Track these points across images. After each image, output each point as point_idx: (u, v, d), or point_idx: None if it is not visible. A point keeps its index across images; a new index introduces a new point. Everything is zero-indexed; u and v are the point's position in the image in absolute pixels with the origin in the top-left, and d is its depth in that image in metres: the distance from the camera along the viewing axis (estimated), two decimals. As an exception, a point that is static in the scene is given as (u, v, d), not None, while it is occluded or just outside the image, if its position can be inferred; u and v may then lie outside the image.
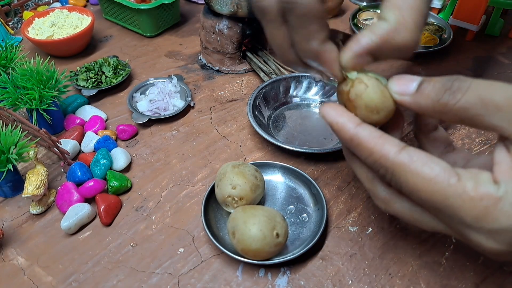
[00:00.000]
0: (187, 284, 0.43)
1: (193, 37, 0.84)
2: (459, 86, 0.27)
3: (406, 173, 0.28)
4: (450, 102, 0.27)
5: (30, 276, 0.44)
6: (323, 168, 0.54)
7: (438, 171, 0.27)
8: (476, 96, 0.26)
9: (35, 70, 0.56)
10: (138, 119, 0.61)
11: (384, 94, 0.31)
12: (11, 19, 0.90)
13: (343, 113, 0.31)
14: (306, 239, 0.45)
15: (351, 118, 0.31)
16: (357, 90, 0.31)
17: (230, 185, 0.44)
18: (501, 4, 0.77)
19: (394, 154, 0.28)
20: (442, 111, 0.28)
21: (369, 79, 0.31)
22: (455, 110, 0.27)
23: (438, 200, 0.27)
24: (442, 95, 0.27)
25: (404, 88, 0.30)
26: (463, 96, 0.27)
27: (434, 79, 0.28)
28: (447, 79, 0.28)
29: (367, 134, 0.30)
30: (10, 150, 0.47)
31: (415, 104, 0.29)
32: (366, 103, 0.31)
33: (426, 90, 0.28)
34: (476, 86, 0.27)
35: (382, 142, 0.29)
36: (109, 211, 0.49)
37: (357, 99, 0.31)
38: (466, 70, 0.73)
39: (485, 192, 0.26)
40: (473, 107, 0.26)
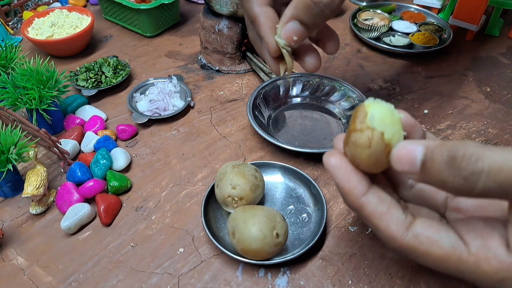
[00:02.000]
0: (187, 284, 0.43)
1: (193, 37, 0.84)
2: (470, 173, 0.24)
3: (417, 254, 0.28)
4: (465, 191, 0.24)
5: (30, 276, 0.44)
6: (323, 168, 0.54)
7: (447, 249, 0.27)
8: (493, 183, 0.23)
9: (35, 70, 0.56)
10: (138, 119, 0.61)
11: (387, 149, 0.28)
12: (11, 19, 0.90)
13: (350, 176, 0.30)
14: (306, 239, 0.45)
15: (359, 183, 0.29)
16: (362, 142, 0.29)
17: (230, 185, 0.44)
18: (501, 4, 0.77)
19: (401, 236, 0.28)
20: (457, 192, 0.25)
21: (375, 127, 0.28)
22: (474, 196, 0.25)
23: (454, 273, 0.28)
24: (452, 179, 0.24)
25: (408, 168, 0.27)
26: (478, 185, 0.24)
27: (436, 153, 0.25)
28: (452, 156, 0.24)
29: (373, 209, 0.29)
30: (10, 150, 0.47)
31: (424, 181, 0.27)
32: (369, 160, 0.29)
33: (432, 172, 0.25)
34: (490, 171, 0.23)
35: (388, 221, 0.28)
36: (109, 211, 0.49)
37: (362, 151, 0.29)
38: (466, 70, 0.73)
39: (499, 265, 0.25)
40: (493, 192, 0.24)
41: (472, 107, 0.65)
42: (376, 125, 0.28)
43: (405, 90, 0.68)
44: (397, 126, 0.29)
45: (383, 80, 0.71)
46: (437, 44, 0.77)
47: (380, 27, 0.79)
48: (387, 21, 0.82)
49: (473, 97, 0.67)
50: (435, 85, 0.69)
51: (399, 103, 0.65)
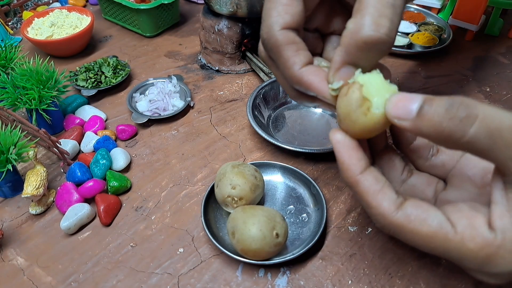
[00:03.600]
0: (187, 284, 0.43)
1: (192, 37, 0.84)
2: (467, 115, 0.24)
3: (405, 232, 0.28)
4: (456, 134, 0.25)
5: (29, 276, 0.44)
6: (323, 168, 0.54)
7: (435, 227, 0.27)
8: (484, 129, 0.24)
9: (34, 70, 0.56)
10: (138, 119, 0.61)
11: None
12: (10, 19, 0.90)
13: (352, 153, 0.30)
14: (306, 239, 0.45)
15: (358, 161, 0.30)
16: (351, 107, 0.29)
17: (230, 185, 0.44)
18: (500, 4, 0.77)
19: (392, 213, 0.28)
20: (446, 140, 0.26)
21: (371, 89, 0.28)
22: (462, 143, 0.25)
23: (440, 252, 0.28)
24: (446, 122, 0.25)
25: (403, 112, 0.27)
26: (470, 128, 0.24)
27: (436, 100, 0.26)
28: (451, 102, 0.25)
29: (368, 186, 0.29)
30: (9, 150, 0.47)
31: (415, 129, 0.26)
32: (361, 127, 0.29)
33: (428, 115, 0.25)
34: (484, 117, 0.24)
35: (381, 198, 0.29)
36: (109, 211, 0.49)
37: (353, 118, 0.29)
38: (466, 70, 0.73)
39: (483, 241, 0.26)
40: (481, 142, 0.24)
41: (472, 107, 0.64)
42: (359, 79, 0.29)
43: (405, 90, 0.68)
44: (382, 87, 0.29)
45: (383, 80, 0.71)
46: (437, 44, 0.77)
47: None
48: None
49: (473, 97, 0.67)
50: (435, 85, 0.69)
51: (399, 103, 0.65)
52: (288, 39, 0.33)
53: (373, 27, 0.28)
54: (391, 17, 0.28)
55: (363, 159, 0.30)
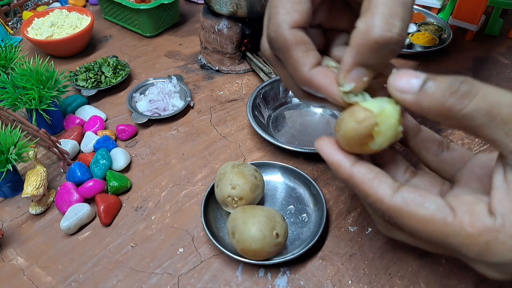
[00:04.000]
0: (187, 284, 0.43)
1: (192, 37, 0.84)
2: (467, 90, 0.25)
3: (403, 216, 0.28)
4: (456, 108, 0.25)
5: (29, 276, 0.44)
6: (323, 168, 0.54)
7: (433, 210, 0.27)
8: (484, 104, 0.24)
9: (34, 70, 0.56)
10: (138, 119, 0.61)
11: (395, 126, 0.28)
12: (10, 19, 0.90)
13: (337, 151, 0.31)
14: (306, 239, 0.45)
15: (346, 156, 0.30)
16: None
17: (230, 185, 0.44)
18: (500, 4, 0.77)
19: (389, 197, 0.28)
20: (445, 115, 0.26)
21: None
22: (460, 117, 0.25)
23: (438, 238, 0.27)
24: (447, 97, 0.25)
25: (406, 85, 0.27)
26: (470, 102, 0.25)
27: (440, 77, 0.26)
28: (454, 79, 0.25)
29: (362, 176, 0.29)
30: (9, 150, 0.47)
31: (416, 104, 0.27)
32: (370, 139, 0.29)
33: (431, 90, 0.26)
34: (485, 93, 0.25)
35: (377, 185, 0.29)
36: (109, 211, 0.48)
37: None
38: (466, 70, 0.73)
39: (482, 226, 0.26)
40: (479, 117, 0.25)
41: (472, 107, 0.64)
42: (359, 100, 0.30)
43: (405, 90, 0.68)
44: (393, 127, 0.29)
45: (383, 80, 0.71)
46: (437, 44, 0.77)
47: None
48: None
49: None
50: (435, 85, 0.69)
51: (399, 103, 0.65)
52: (298, 39, 0.32)
53: (385, 27, 0.27)
54: (402, 16, 0.28)
55: (350, 154, 0.30)
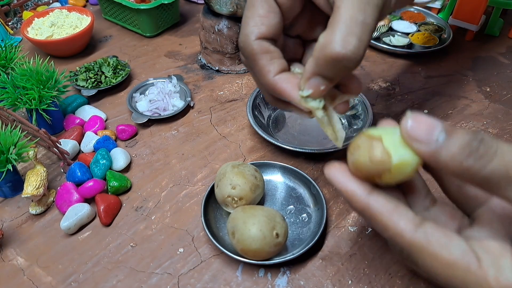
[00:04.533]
0: (187, 284, 0.43)
1: (192, 37, 0.84)
2: (485, 151, 0.24)
3: (424, 255, 0.27)
4: (474, 168, 0.24)
5: (29, 276, 0.44)
6: (323, 168, 0.54)
7: (457, 255, 0.26)
8: (502, 166, 0.24)
9: (34, 70, 0.56)
10: (138, 119, 0.61)
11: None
12: (10, 19, 0.90)
13: (351, 177, 0.29)
14: (306, 239, 0.45)
15: (361, 184, 0.29)
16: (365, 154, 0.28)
17: (230, 185, 0.44)
18: (501, 4, 0.77)
19: (410, 232, 0.27)
20: (462, 174, 0.25)
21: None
22: (478, 178, 0.25)
23: (457, 283, 0.26)
24: (466, 157, 0.24)
25: (422, 136, 0.25)
26: (489, 164, 0.24)
27: (456, 131, 0.25)
28: (473, 137, 0.25)
29: (380, 207, 0.28)
30: (9, 150, 0.47)
31: (432, 157, 0.25)
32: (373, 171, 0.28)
33: (449, 146, 0.25)
34: (503, 154, 0.24)
35: (397, 218, 0.27)
36: (109, 211, 0.49)
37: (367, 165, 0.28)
38: (466, 70, 0.73)
39: (507, 284, 0.25)
40: (497, 178, 0.24)
41: (472, 107, 0.65)
42: (373, 132, 0.28)
43: (405, 90, 0.68)
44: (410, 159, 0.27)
45: (383, 80, 0.71)
46: (437, 44, 0.77)
47: (380, 27, 0.79)
48: (387, 21, 0.82)
49: (473, 97, 0.67)
50: (435, 85, 0.69)
51: (399, 103, 0.65)
52: (263, 49, 0.34)
53: (340, 44, 0.29)
54: (359, 36, 0.29)
55: (366, 183, 0.29)
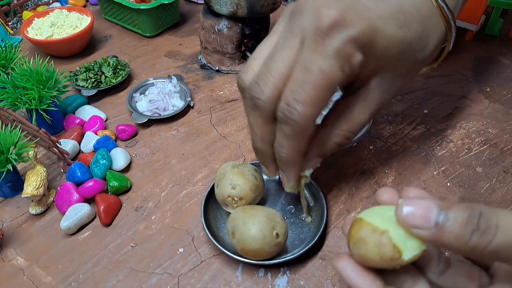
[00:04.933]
0: (187, 284, 0.43)
1: (192, 37, 0.84)
2: (487, 226, 0.24)
3: None
4: (479, 246, 0.24)
5: (29, 276, 0.44)
6: (323, 168, 0.54)
7: None
8: (507, 237, 0.24)
9: (34, 70, 0.56)
10: (138, 119, 0.61)
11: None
12: (10, 19, 0.90)
13: (362, 275, 0.29)
14: (306, 239, 0.45)
15: (373, 283, 0.28)
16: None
17: (230, 185, 0.44)
18: (501, 4, 0.77)
19: None
20: (469, 252, 0.25)
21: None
22: (486, 254, 0.24)
23: None
24: (469, 235, 0.24)
25: (421, 223, 0.26)
26: (493, 239, 0.24)
27: (453, 209, 0.25)
28: (471, 213, 0.25)
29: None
30: (9, 150, 0.47)
31: (436, 240, 0.25)
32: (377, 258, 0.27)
33: (449, 226, 0.25)
34: (505, 225, 0.24)
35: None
36: (109, 211, 0.48)
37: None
38: (466, 70, 0.73)
39: None
40: (505, 250, 0.24)
41: (472, 107, 0.65)
42: (371, 220, 0.28)
43: (405, 90, 0.68)
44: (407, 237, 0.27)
45: (383, 80, 0.71)
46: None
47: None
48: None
49: (473, 97, 0.67)
50: (435, 85, 0.69)
51: (399, 103, 0.65)
52: (312, 131, 0.36)
53: (343, 138, 0.40)
54: (358, 132, 0.39)
55: (377, 279, 0.29)
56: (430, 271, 0.32)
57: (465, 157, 0.56)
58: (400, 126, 0.61)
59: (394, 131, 0.60)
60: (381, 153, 0.56)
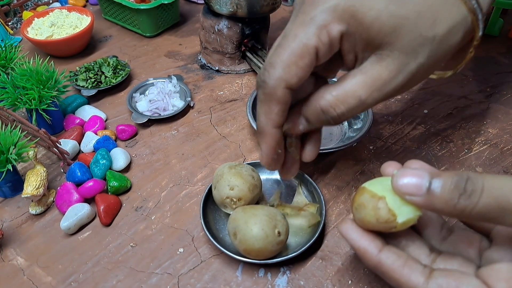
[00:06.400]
0: (187, 284, 0.43)
1: (192, 37, 0.84)
2: (473, 189, 0.26)
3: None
4: (467, 208, 0.26)
5: (29, 276, 0.44)
6: (323, 168, 0.54)
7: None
8: (491, 199, 0.26)
9: (34, 70, 0.56)
10: (138, 119, 0.61)
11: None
12: (10, 19, 0.90)
13: (363, 235, 0.32)
14: (306, 239, 0.45)
15: (372, 242, 0.31)
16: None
17: (228, 186, 0.44)
18: (501, 4, 0.77)
19: (422, 286, 0.28)
20: (459, 215, 0.27)
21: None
22: (474, 215, 0.26)
23: None
24: (457, 199, 0.26)
25: (412, 189, 0.28)
26: (479, 200, 0.26)
27: (443, 176, 0.27)
28: (458, 178, 0.27)
29: (391, 263, 0.30)
30: (9, 150, 0.47)
31: (427, 205, 0.28)
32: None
33: (438, 192, 0.27)
34: (490, 188, 0.26)
35: (408, 272, 0.29)
36: (109, 211, 0.48)
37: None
38: (466, 70, 0.73)
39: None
40: (491, 211, 0.26)
41: (472, 107, 0.65)
42: (372, 188, 0.32)
43: (405, 90, 0.68)
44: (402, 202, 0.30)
45: (383, 80, 0.71)
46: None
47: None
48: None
49: (473, 97, 0.67)
50: (435, 85, 0.69)
51: (399, 103, 0.65)
52: (285, 99, 0.35)
53: (328, 103, 0.34)
54: (350, 108, 0.33)
55: (376, 239, 0.31)
56: (433, 238, 0.34)
57: (465, 157, 0.56)
58: (400, 126, 0.61)
59: (394, 131, 0.60)
60: (381, 153, 0.56)
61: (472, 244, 0.33)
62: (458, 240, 0.34)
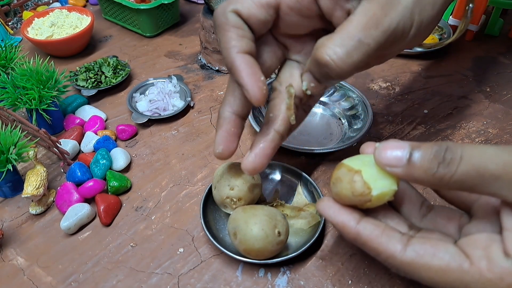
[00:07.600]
0: (187, 284, 0.43)
1: (192, 37, 0.84)
2: (452, 158, 0.26)
3: (418, 269, 0.28)
4: (445, 176, 0.26)
5: (29, 276, 0.44)
6: (323, 168, 0.54)
7: (447, 260, 0.27)
8: (470, 167, 0.26)
9: (34, 70, 0.56)
10: (138, 119, 0.61)
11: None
12: (10, 19, 0.90)
13: (340, 210, 0.32)
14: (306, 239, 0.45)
15: (350, 215, 0.31)
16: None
17: (228, 186, 0.44)
18: (501, 4, 0.77)
19: (400, 253, 0.29)
20: (438, 184, 0.27)
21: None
22: (452, 183, 0.27)
23: (457, 286, 0.27)
24: (436, 168, 0.27)
25: (393, 160, 0.28)
26: (458, 168, 0.26)
27: (423, 147, 0.28)
28: (437, 148, 0.27)
29: (369, 234, 0.30)
30: (9, 150, 0.47)
31: (407, 176, 0.28)
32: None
33: (418, 162, 0.27)
34: (468, 156, 0.26)
35: (386, 241, 0.29)
36: (109, 211, 0.49)
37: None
38: (466, 70, 0.73)
39: (501, 270, 0.26)
40: (470, 179, 0.26)
41: (472, 107, 0.65)
42: (349, 163, 0.32)
43: (405, 90, 0.68)
44: (380, 175, 0.31)
45: (383, 80, 0.71)
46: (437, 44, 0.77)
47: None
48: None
49: (473, 97, 0.67)
50: (435, 85, 0.69)
51: (399, 103, 0.65)
52: (237, 23, 0.33)
53: (327, 51, 0.30)
54: (349, 51, 0.30)
55: (354, 212, 0.31)
56: (412, 215, 0.34)
57: (465, 157, 0.56)
58: (400, 126, 0.61)
59: (394, 131, 0.60)
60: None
61: (452, 220, 0.33)
62: (437, 216, 0.34)
